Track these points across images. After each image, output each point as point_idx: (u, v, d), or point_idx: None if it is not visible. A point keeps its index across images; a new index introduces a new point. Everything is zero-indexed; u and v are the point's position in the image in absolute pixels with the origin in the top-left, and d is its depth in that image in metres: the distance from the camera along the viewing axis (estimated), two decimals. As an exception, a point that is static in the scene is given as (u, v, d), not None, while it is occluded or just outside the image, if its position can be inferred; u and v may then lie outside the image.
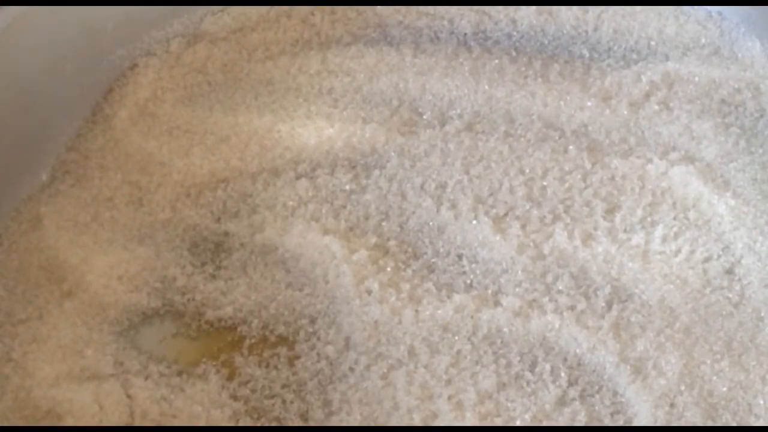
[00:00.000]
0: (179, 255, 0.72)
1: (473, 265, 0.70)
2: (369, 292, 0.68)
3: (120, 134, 0.77)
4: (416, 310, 0.67)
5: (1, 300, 0.69)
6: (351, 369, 0.66)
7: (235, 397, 0.66)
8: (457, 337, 0.66)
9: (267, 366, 0.67)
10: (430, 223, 0.71)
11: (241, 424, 0.65)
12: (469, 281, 0.69)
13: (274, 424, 0.65)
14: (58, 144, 0.76)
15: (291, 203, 0.73)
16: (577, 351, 0.65)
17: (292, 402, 0.65)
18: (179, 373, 0.67)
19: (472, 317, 0.67)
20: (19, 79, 0.72)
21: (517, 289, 0.68)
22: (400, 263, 0.70)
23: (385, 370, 0.65)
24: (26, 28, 0.72)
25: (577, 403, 0.64)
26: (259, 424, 0.65)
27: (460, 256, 0.70)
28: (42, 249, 0.71)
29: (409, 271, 0.70)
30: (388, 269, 0.69)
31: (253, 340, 0.68)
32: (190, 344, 0.69)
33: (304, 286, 0.69)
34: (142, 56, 0.80)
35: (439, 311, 0.67)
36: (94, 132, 0.77)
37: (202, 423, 0.64)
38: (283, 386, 0.66)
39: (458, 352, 0.66)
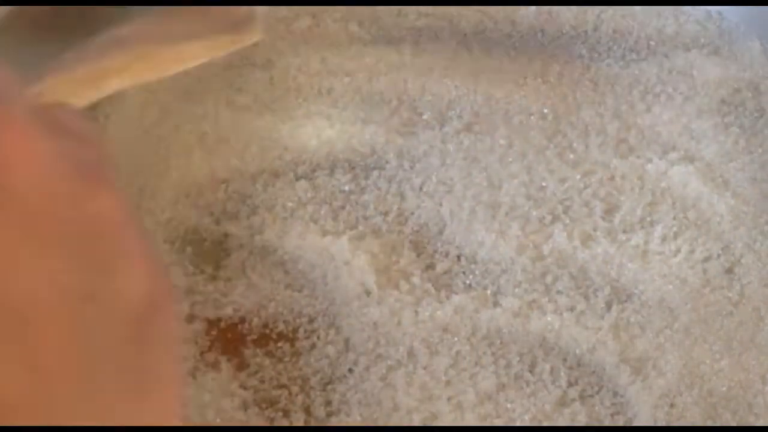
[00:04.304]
0: (179, 255, 0.72)
1: (472, 266, 0.70)
2: (368, 293, 0.68)
3: (120, 134, 0.77)
4: (416, 311, 0.67)
5: (1, 300, 0.69)
6: (350, 370, 0.66)
7: (244, 387, 0.66)
8: (456, 338, 0.66)
9: (273, 357, 0.67)
10: (430, 224, 0.71)
11: (249, 413, 0.65)
12: (468, 282, 0.69)
13: (280, 414, 0.65)
14: (58, 144, 0.76)
15: (290, 204, 0.73)
16: (577, 351, 0.66)
17: (297, 395, 0.65)
18: (188, 360, 0.67)
19: (471, 318, 0.67)
20: (19, 79, 0.72)
21: (516, 290, 0.68)
22: (400, 264, 0.70)
23: (385, 372, 0.65)
24: (26, 29, 0.72)
25: (577, 403, 0.64)
26: (266, 414, 0.65)
27: (459, 257, 0.70)
28: (41, 249, 0.71)
29: (409, 272, 0.70)
30: (388, 270, 0.69)
31: (254, 337, 0.68)
32: (193, 341, 0.69)
33: (303, 287, 0.69)
34: (142, 56, 0.80)
35: (439, 312, 0.67)
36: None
37: (211, 411, 0.64)
38: (290, 378, 0.66)
39: (458, 353, 0.66)
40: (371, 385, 0.65)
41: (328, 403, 0.65)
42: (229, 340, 0.68)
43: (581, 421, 0.63)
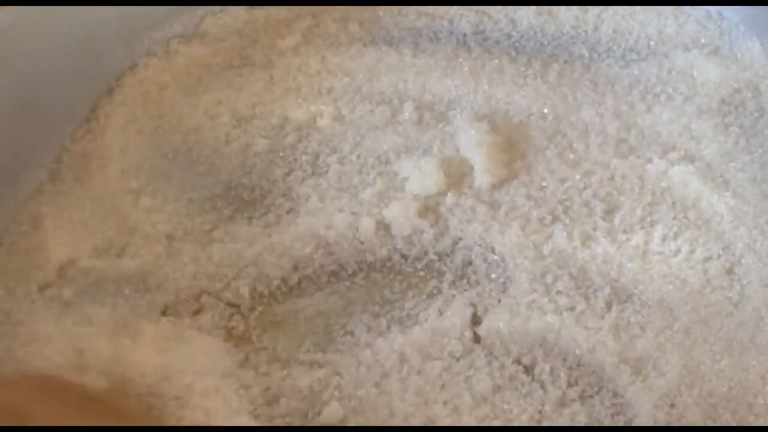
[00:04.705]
0: (176, 256, 0.71)
1: (472, 266, 0.70)
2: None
3: (119, 134, 0.77)
4: (416, 311, 0.68)
5: (1, 300, 0.69)
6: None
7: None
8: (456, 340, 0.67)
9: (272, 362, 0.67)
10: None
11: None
12: (468, 282, 0.69)
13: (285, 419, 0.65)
14: (58, 144, 0.76)
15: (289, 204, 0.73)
16: (577, 352, 0.65)
17: (301, 400, 0.65)
18: None
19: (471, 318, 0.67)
20: (19, 78, 0.72)
21: (516, 290, 0.68)
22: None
23: (378, 378, 0.65)
24: (26, 28, 0.72)
25: (577, 404, 0.64)
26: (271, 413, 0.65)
27: (460, 257, 0.70)
28: (43, 249, 0.71)
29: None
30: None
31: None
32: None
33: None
34: (142, 56, 0.80)
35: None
36: (94, 132, 0.77)
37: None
38: (288, 377, 0.66)
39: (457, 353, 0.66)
40: (366, 393, 0.65)
41: (324, 411, 0.65)
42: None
43: (581, 421, 0.63)
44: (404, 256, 0.71)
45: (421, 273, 0.70)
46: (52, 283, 0.69)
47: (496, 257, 0.70)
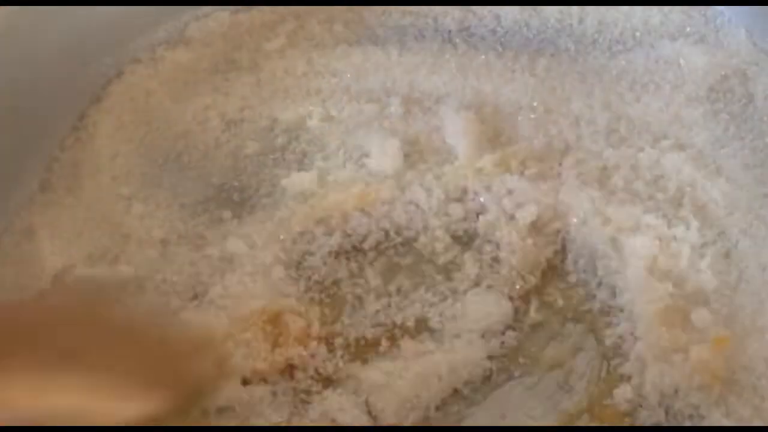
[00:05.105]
0: (166, 259, 0.71)
1: (465, 255, 0.70)
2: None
3: (108, 141, 0.76)
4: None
5: (-2, 310, 0.68)
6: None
7: None
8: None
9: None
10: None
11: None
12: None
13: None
14: (48, 153, 0.75)
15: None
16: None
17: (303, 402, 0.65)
18: None
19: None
20: (6, 88, 0.72)
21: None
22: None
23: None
24: (12, 37, 0.72)
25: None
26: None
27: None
28: (37, 259, 0.70)
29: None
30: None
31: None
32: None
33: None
34: (128, 63, 0.79)
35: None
36: (83, 140, 0.76)
37: None
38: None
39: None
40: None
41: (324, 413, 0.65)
42: None
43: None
44: (400, 243, 0.72)
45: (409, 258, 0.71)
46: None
47: (489, 249, 0.70)
